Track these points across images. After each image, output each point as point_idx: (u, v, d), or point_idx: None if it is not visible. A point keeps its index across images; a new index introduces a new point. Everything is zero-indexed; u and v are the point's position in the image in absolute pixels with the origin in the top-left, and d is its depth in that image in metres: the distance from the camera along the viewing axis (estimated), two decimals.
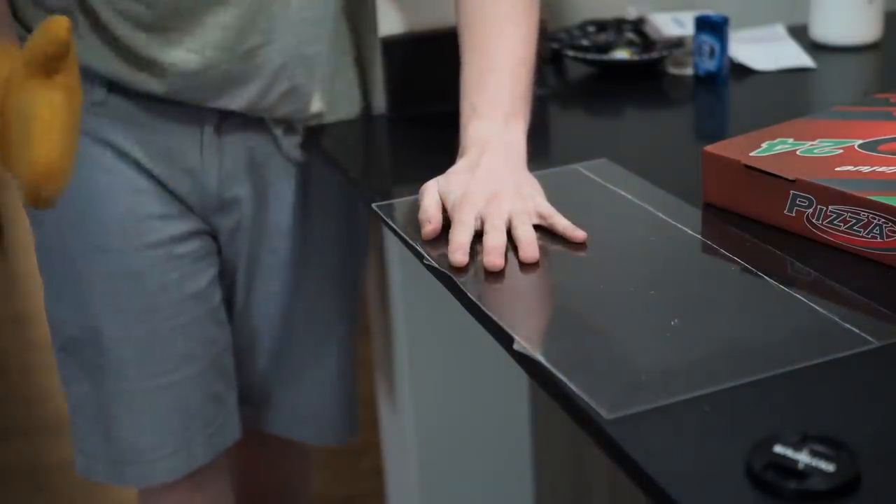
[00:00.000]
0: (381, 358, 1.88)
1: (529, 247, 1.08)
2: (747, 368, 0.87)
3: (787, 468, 0.75)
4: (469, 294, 1.02)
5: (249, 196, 1.41)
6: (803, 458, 0.75)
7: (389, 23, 1.47)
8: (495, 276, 1.06)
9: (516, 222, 1.10)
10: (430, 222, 1.11)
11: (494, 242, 1.07)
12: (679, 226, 1.12)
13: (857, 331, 0.92)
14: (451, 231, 1.10)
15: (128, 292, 1.37)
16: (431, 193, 1.14)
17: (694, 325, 0.95)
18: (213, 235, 1.43)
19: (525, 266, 1.07)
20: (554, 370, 0.89)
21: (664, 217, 1.15)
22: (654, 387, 0.86)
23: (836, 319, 0.94)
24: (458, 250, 1.07)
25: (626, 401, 0.84)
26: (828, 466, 0.75)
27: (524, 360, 0.93)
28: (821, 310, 0.96)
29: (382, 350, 1.86)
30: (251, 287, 1.48)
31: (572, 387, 0.87)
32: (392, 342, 1.77)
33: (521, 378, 1.76)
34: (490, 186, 1.14)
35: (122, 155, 1.34)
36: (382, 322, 1.82)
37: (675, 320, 0.95)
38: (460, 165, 1.18)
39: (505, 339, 0.95)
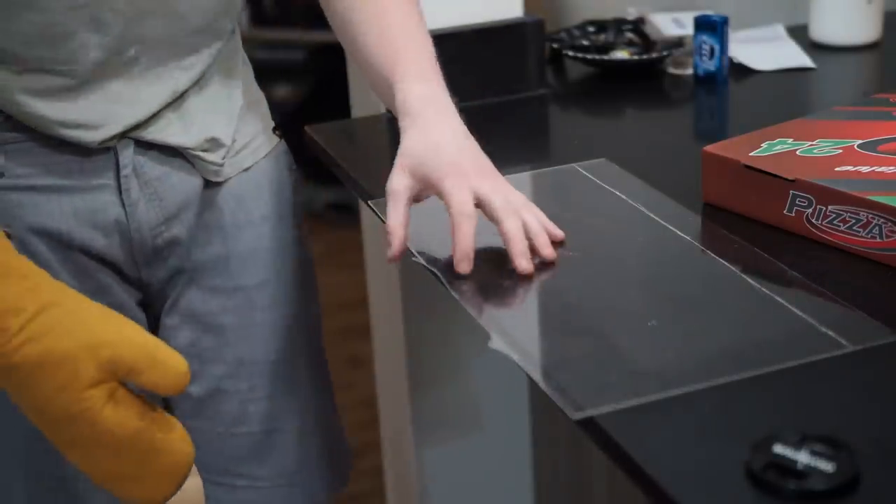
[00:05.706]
0: (381, 358, 1.88)
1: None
2: (714, 370, 0.87)
3: (787, 468, 0.75)
4: (452, 292, 1.02)
5: (187, 237, 1.24)
6: (803, 457, 0.75)
7: None
8: (482, 273, 1.05)
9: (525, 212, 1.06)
10: (394, 241, 1.05)
11: (520, 234, 1.03)
12: (669, 227, 1.12)
13: (833, 334, 0.92)
14: (453, 224, 1.03)
15: None
16: (398, 203, 1.06)
17: (671, 326, 0.96)
18: (143, 293, 1.27)
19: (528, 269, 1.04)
20: (527, 368, 0.90)
21: (655, 218, 1.14)
22: (624, 387, 0.86)
23: (814, 323, 0.94)
24: (464, 260, 1.02)
25: (594, 401, 0.84)
26: (827, 466, 0.75)
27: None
28: (800, 313, 0.95)
29: (382, 350, 1.86)
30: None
31: (543, 386, 0.87)
32: (392, 342, 1.77)
33: (520, 377, 1.76)
34: (476, 158, 1.08)
35: (31, 231, 1.17)
36: (382, 322, 1.82)
37: (653, 322, 0.96)
38: (432, 128, 1.09)
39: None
